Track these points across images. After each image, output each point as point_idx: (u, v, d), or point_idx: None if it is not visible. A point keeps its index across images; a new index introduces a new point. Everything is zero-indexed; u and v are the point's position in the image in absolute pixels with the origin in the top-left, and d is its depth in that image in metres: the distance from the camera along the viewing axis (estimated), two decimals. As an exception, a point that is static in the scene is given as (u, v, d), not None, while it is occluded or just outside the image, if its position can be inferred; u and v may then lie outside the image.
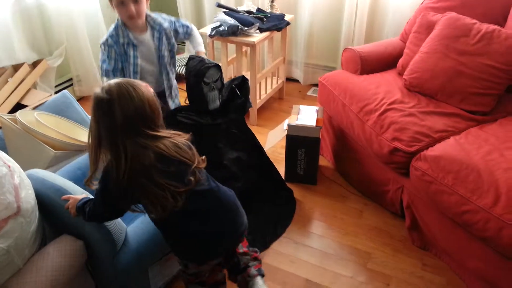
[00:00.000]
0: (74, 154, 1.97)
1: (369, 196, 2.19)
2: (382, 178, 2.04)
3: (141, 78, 1.92)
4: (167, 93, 2.08)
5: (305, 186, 2.29)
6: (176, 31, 2.07)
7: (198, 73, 1.55)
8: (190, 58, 1.64)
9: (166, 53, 1.98)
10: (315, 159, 2.24)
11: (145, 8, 1.84)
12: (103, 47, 1.91)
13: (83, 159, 1.77)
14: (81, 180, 1.67)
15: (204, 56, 1.98)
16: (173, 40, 2.02)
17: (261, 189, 2.04)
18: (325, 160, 2.49)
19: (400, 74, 2.24)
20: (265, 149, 2.11)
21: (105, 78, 1.90)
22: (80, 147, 2.00)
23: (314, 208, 2.16)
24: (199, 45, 2.11)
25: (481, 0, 2.19)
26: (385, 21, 2.86)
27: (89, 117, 2.30)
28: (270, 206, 2.05)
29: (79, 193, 1.39)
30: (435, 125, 1.90)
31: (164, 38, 1.97)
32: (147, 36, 1.93)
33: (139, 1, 1.79)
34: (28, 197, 1.21)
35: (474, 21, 2.04)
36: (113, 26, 1.92)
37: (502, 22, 2.10)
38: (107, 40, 1.90)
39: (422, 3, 2.43)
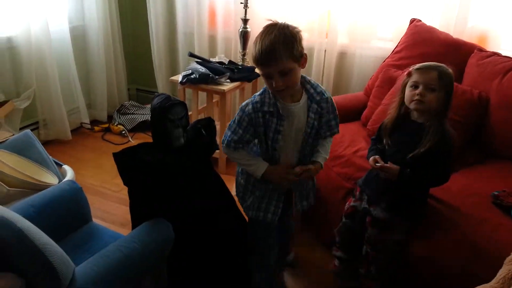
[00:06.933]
0: (29, 193, 1.88)
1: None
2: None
3: (278, 157, 1.61)
4: (295, 191, 1.71)
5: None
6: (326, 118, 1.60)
7: (163, 109, 1.55)
8: (156, 96, 1.64)
9: (313, 131, 1.56)
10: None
11: (297, 76, 1.46)
12: (239, 112, 1.56)
13: (38, 196, 1.69)
14: (33, 218, 1.57)
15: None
16: (324, 119, 1.58)
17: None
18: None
19: (364, 125, 2.31)
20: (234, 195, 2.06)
21: (225, 149, 1.63)
22: (36, 186, 1.92)
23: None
24: (325, 153, 1.65)
25: (439, 59, 2.33)
26: (351, 77, 2.99)
27: (50, 158, 2.25)
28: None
29: (26, 226, 1.30)
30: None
31: (318, 113, 1.54)
32: (300, 105, 1.52)
33: (290, 72, 1.40)
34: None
35: (433, 77, 2.16)
36: (260, 91, 1.56)
37: (458, 79, 2.23)
38: (247, 105, 1.54)
39: (385, 61, 2.57)
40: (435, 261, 1.57)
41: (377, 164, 1.62)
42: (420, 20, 2.52)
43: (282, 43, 1.36)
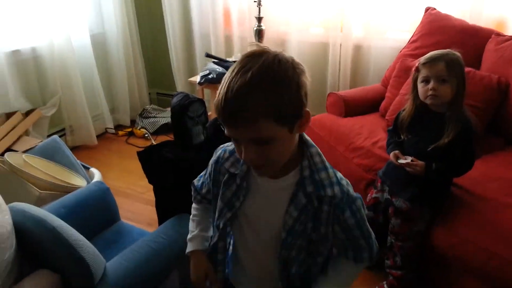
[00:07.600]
0: (59, 196, 1.95)
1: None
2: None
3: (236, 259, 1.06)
4: None
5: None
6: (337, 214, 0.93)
7: (182, 107, 1.60)
8: (175, 95, 1.70)
9: (293, 240, 0.93)
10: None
11: (286, 148, 0.88)
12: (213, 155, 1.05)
13: (68, 197, 1.76)
14: (64, 218, 1.65)
15: None
16: (323, 222, 0.93)
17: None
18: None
19: (383, 116, 2.31)
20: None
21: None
22: (66, 189, 2.00)
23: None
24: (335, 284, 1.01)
25: (456, 46, 2.31)
26: (368, 69, 2.98)
27: (78, 161, 2.33)
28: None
29: (60, 224, 1.36)
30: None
31: (311, 210, 0.91)
32: (282, 185, 0.93)
33: (270, 141, 0.82)
34: (4, 222, 1.19)
35: (450, 64, 2.14)
36: None
37: (476, 65, 2.20)
38: (222, 147, 1.03)
39: (401, 51, 2.56)
40: (459, 247, 1.57)
41: (400, 161, 1.62)
42: (435, 8, 2.50)
43: (262, 93, 0.76)
